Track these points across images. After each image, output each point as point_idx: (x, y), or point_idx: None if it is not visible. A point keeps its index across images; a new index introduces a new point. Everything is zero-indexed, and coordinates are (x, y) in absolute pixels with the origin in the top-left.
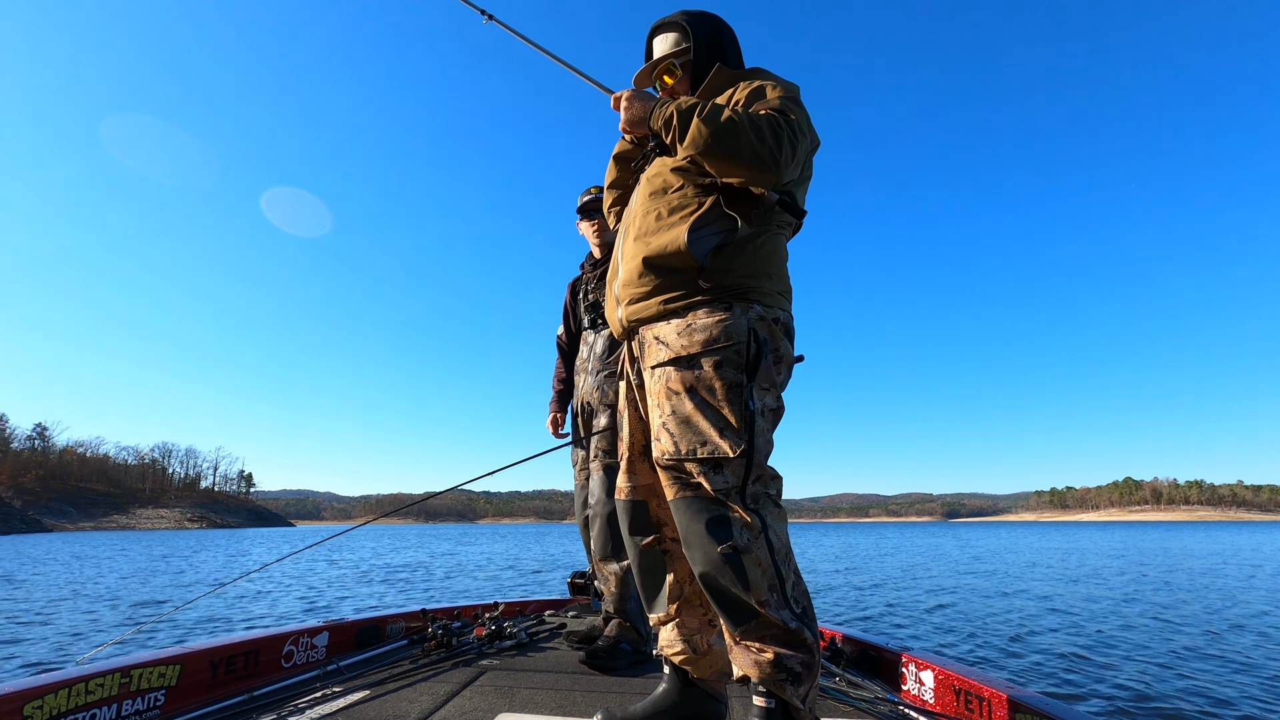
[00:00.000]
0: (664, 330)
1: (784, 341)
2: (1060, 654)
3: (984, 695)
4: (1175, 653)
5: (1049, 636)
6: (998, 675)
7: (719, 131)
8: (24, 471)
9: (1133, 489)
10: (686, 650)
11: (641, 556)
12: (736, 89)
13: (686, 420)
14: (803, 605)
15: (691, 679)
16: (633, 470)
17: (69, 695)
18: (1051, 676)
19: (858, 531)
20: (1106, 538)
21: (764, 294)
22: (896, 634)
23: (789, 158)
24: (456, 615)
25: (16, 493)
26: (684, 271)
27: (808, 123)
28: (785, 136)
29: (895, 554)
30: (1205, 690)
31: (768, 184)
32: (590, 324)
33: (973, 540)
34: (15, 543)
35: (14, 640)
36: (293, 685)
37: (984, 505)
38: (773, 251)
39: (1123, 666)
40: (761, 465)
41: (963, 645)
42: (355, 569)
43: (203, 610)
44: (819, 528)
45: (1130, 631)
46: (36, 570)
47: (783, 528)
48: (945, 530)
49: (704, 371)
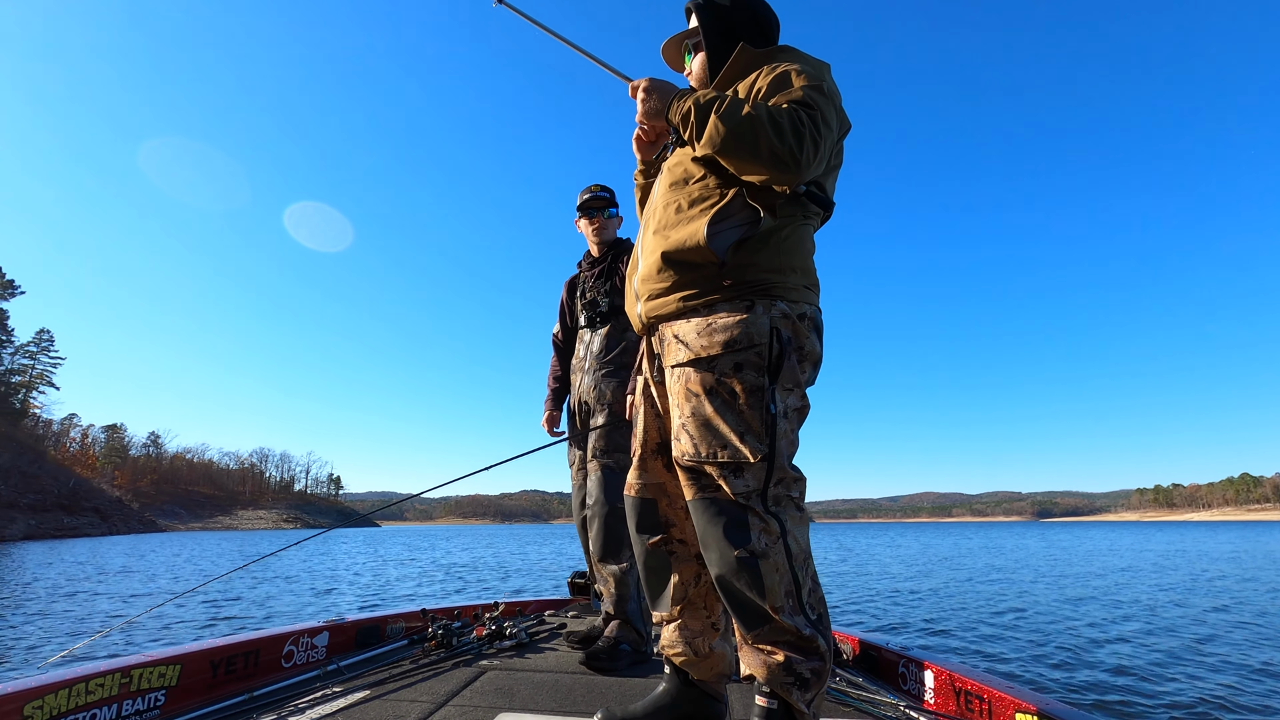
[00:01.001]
0: (684, 329)
1: (809, 338)
2: (1122, 667)
3: (985, 696)
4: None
5: (1116, 649)
6: (999, 676)
7: (737, 130)
8: (141, 476)
9: (1251, 486)
10: (687, 652)
11: (647, 555)
12: (760, 74)
13: (706, 423)
14: (818, 612)
15: (691, 680)
16: (644, 467)
17: (69, 695)
18: (1098, 688)
19: (938, 532)
20: (1218, 538)
21: (788, 289)
22: (944, 644)
23: (810, 156)
24: (457, 615)
25: (135, 495)
26: (704, 267)
27: (835, 111)
28: (808, 133)
29: (972, 555)
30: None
31: (789, 183)
32: (587, 322)
33: (1064, 541)
34: (135, 541)
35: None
36: (293, 685)
37: (1079, 504)
38: (798, 244)
39: (1186, 684)
40: (783, 468)
41: (1020, 656)
42: (433, 564)
43: (260, 601)
44: (896, 528)
45: (1214, 644)
46: (146, 561)
47: (803, 532)
48: (1035, 531)
49: (725, 374)
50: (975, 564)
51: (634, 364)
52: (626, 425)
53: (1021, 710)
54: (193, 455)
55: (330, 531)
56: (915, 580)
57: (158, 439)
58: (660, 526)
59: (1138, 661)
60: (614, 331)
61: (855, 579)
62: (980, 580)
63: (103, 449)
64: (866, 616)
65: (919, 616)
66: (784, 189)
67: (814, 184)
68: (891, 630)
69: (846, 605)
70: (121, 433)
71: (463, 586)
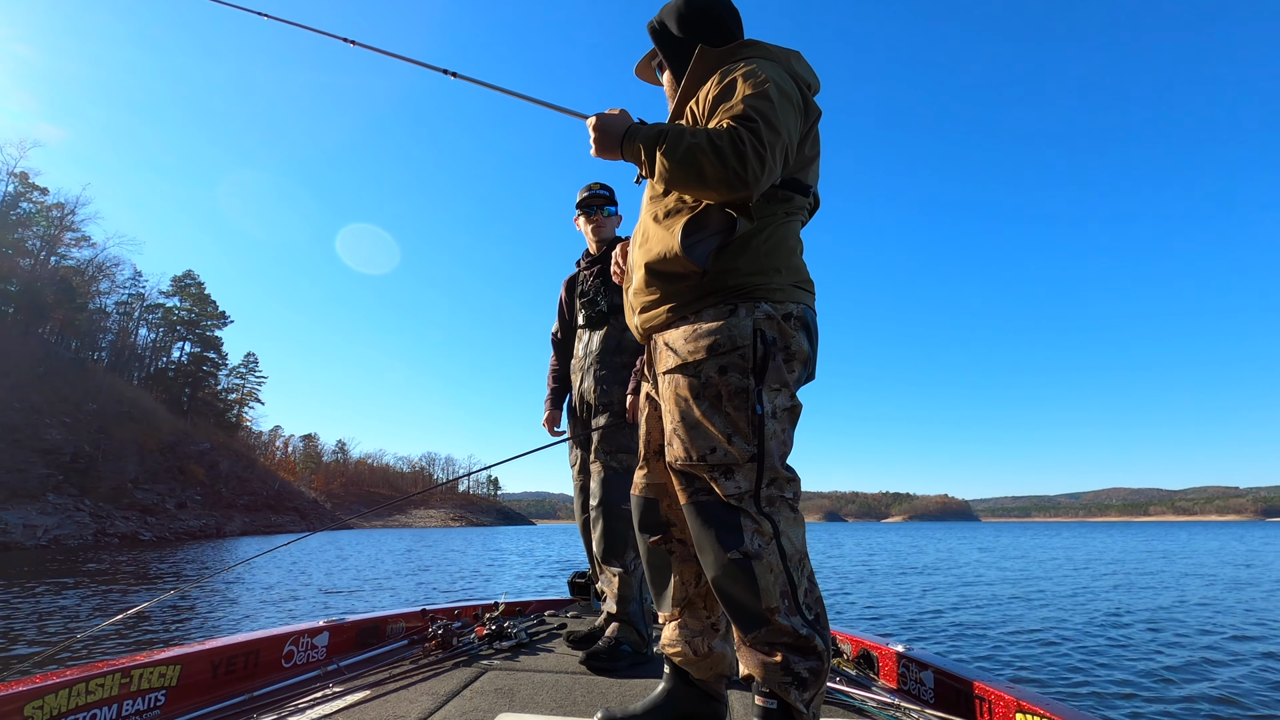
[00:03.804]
0: (672, 336)
1: (796, 337)
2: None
3: (985, 696)
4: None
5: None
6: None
7: (681, 164)
8: (332, 479)
9: None
10: (686, 652)
11: (650, 554)
12: (711, 82)
13: (695, 426)
14: (815, 612)
15: (691, 679)
16: (648, 467)
17: (69, 695)
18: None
19: (1132, 532)
20: None
21: (772, 290)
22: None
23: (757, 172)
24: (457, 615)
25: (327, 497)
26: (687, 277)
27: (793, 108)
28: (749, 151)
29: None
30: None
31: (744, 200)
32: (586, 321)
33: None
34: (332, 537)
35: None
36: (293, 685)
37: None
38: (780, 243)
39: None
40: (775, 468)
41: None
42: (546, 560)
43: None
44: (1079, 528)
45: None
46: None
47: (797, 533)
48: (1259, 531)
49: (710, 377)
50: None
51: (633, 364)
52: (628, 425)
53: (1022, 710)
54: (372, 460)
55: (309, 536)
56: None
57: (344, 446)
58: (661, 525)
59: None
60: (613, 331)
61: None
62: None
63: (300, 456)
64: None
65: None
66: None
67: (790, 178)
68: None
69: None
70: (315, 441)
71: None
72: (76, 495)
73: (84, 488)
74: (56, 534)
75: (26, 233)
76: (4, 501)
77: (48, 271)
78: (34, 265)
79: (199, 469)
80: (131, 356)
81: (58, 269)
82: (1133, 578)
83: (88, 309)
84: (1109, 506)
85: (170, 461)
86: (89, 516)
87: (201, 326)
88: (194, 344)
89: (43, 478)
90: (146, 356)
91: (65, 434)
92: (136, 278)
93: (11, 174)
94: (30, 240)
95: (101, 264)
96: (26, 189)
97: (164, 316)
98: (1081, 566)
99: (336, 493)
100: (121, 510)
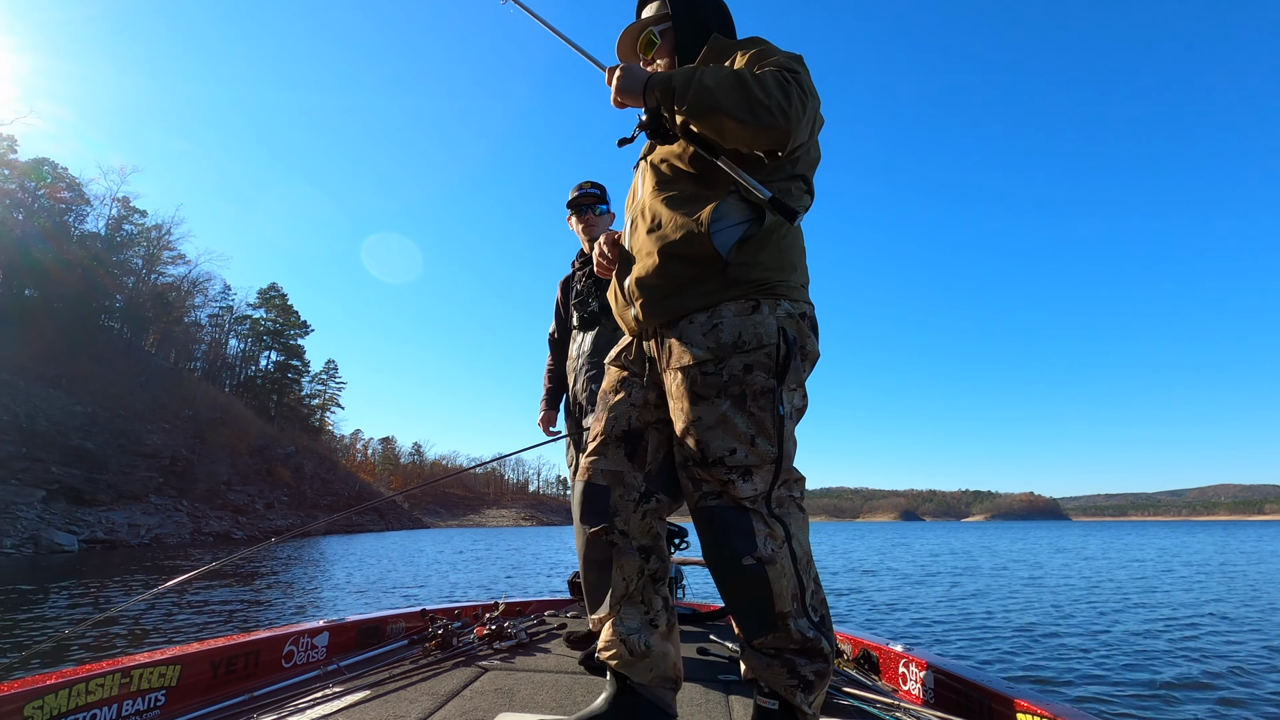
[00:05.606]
0: (688, 330)
1: (810, 338)
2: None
3: (985, 696)
4: None
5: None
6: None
7: (721, 87)
8: (409, 481)
9: None
10: (623, 651)
11: (589, 546)
12: (734, 58)
13: (715, 426)
14: (820, 613)
15: (632, 685)
16: (604, 454)
17: (69, 695)
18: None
19: (1243, 532)
20: None
21: (790, 289)
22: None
23: (800, 111)
24: (457, 615)
25: (405, 497)
26: (707, 267)
27: (813, 87)
28: (794, 91)
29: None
30: None
31: (779, 142)
32: (578, 322)
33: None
34: (410, 535)
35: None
36: (293, 685)
37: None
38: (796, 240)
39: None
40: (788, 469)
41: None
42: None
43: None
44: (1181, 527)
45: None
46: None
47: (805, 534)
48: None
49: (734, 376)
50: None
51: None
52: None
53: (1023, 711)
54: (447, 461)
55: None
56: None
57: (420, 448)
58: (606, 515)
59: None
60: (604, 332)
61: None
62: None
63: (379, 458)
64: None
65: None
66: (777, 151)
67: (801, 176)
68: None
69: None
70: (393, 444)
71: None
72: (175, 496)
73: (181, 489)
74: (158, 533)
75: (130, 253)
76: (112, 503)
77: (148, 287)
78: (137, 283)
79: (285, 471)
80: (223, 365)
81: (156, 285)
82: (1213, 580)
83: (183, 322)
84: (1217, 505)
85: (259, 464)
86: (186, 516)
87: (285, 336)
88: (279, 352)
89: (145, 480)
90: (237, 365)
91: (164, 439)
92: (226, 291)
93: (115, 199)
94: (134, 260)
95: (195, 279)
96: (128, 212)
97: (251, 327)
98: (1164, 569)
99: (414, 493)
100: (215, 510)
